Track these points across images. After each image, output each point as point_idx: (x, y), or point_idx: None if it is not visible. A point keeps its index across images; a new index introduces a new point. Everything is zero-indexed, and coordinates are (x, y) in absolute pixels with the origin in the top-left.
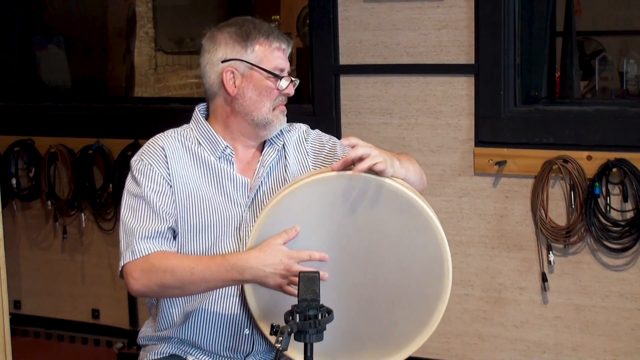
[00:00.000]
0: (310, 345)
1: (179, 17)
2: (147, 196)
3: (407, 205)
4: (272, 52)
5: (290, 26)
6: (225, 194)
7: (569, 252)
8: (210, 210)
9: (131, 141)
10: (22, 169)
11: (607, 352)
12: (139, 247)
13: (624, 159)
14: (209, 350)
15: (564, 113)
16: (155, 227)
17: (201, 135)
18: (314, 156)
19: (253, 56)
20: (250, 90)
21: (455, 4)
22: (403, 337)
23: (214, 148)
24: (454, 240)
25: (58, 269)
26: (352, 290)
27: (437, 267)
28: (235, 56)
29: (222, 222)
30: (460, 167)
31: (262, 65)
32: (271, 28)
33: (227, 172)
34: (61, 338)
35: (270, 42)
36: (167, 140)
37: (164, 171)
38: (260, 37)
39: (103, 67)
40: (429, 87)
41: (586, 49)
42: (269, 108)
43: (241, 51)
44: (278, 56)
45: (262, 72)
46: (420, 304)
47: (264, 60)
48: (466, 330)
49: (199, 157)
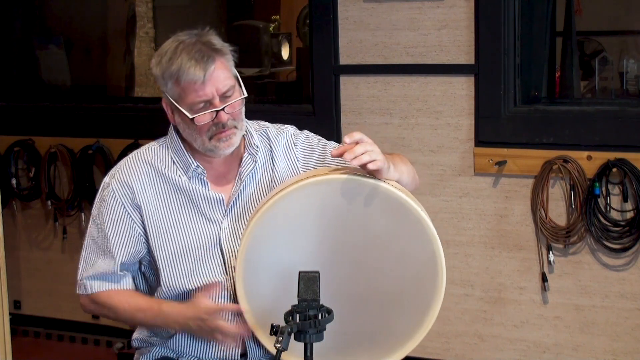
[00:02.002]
0: (310, 345)
1: (179, 17)
2: (104, 228)
3: (401, 208)
4: (185, 89)
5: (290, 26)
6: (201, 214)
7: (569, 252)
8: (187, 232)
9: (131, 141)
10: (22, 169)
11: (607, 352)
12: (89, 284)
13: (624, 159)
14: (200, 357)
15: (564, 113)
16: (105, 267)
17: (175, 153)
18: (304, 161)
19: (172, 92)
20: (181, 124)
21: (455, 4)
22: (397, 339)
23: (186, 168)
24: (454, 240)
25: (58, 269)
26: (346, 292)
27: (431, 270)
28: (164, 90)
29: (201, 241)
30: (460, 167)
31: (180, 103)
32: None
33: (199, 192)
34: (61, 338)
35: (180, 79)
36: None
37: (127, 201)
38: (172, 75)
39: (103, 67)
40: (429, 87)
41: (586, 49)
42: (203, 140)
43: (163, 87)
44: (193, 91)
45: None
46: (414, 306)
47: (183, 96)
48: (466, 330)
49: (171, 182)
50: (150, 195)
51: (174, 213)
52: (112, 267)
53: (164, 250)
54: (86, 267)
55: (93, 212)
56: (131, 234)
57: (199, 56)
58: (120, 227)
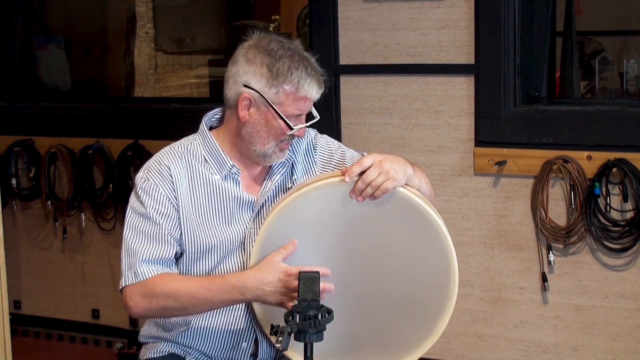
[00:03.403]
0: (310, 345)
1: (179, 17)
2: (152, 217)
3: (418, 215)
4: (297, 100)
5: (290, 26)
6: (230, 214)
7: (569, 252)
8: (215, 231)
9: (131, 141)
10: (22, 169)
11: (607, 352)
12: (141, 269)
13: (624, 159)
14: (209, 354)
15: (564, 113)
16: (158, 251)
17: (208, 151)
18: (322, 166)
19: (275, 97)
20: (260, 123)
21: (455, 4)
22: (405, 346)
23: (220, 167)
24: (454, 240)
25: (58, 269)
26: (357, 295)
27: (443, 280)
28: (258, 88)
29: (226, 241)
30: (460, 167)
31: (281, 109)
32: (307, 71)
33: (232, 191)
34: (61, 338)
35: (298, 90)
36: (174, 160)
37: (169, 192)
38: (289, 82)
39: (103, 67)
40: (429, 87)
41: (586, 49)
42: (272, 145)
43: (265, 87)
44: (301, 105)
45: (277, 115)
46: (424, 315)
47: (285, 104)
48: (466, 330)
49: (204, 178)
50: (185, 189)
51: (204, 209)
52: (167, 253)
53: (190, 244)
54: (134, 255)
55: (134, 205)
56: (177, 223)
57: (317, 75)
58: (169, 216)
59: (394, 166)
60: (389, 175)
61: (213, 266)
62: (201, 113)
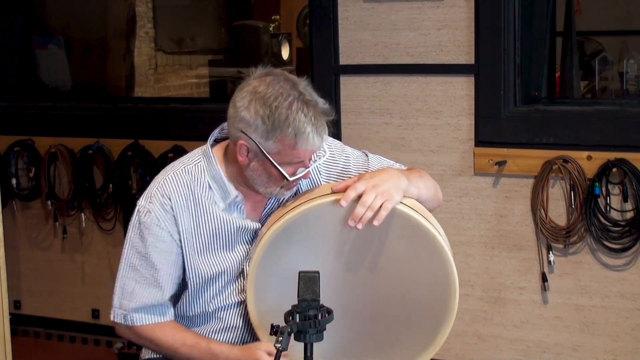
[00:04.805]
0: (310, 345)
1: (179, 17)
2: (151, 258)
3: (417, 231)
4: (296, 152)
5: (290, 26)
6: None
7: (569, 252)
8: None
9: (131, 141)
10: (22, 169)
11: (607, 352)
12: (131, 316)
13: (624, 159)
14: None
15: (564, 113)
16: (152, 296)
17: (212, 177)
18: (326, 173)
19: (273, 147)
20: (259, 170)
21: (455, 4)
22: (405, 358)
23: (224, 195)
24: (454, 241)
25: (58, 269)
26: (356, 307)
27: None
28: (254, 138)
29: (229, 269)
30: (460, 167)
31: (279, 158)
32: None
33: (235, 222)
34: (61, 338)
35: (296, 143)
36: (177, 189)
37: (171, 227)
38: (286, 136)
39: (103, 67)
40: (429, 87)
41: (586, 49)
42: (275, 188)
43: (261, 139)
44: (300, 154)
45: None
46: (424, 327)
47: (283, 154)
48: (466, 330)
49: (207, 211)
50: (187, 221)
51: (207, 241)
52: (161, 299)
53: (195, 276)
54: (127, 296)
55: (132, 238)
56: (177, 262)
57: (319, 123)
58: (169, 257)
59: (387, 185)
60: (385, 196)
61: (218, 292)
62: (201, 113)
